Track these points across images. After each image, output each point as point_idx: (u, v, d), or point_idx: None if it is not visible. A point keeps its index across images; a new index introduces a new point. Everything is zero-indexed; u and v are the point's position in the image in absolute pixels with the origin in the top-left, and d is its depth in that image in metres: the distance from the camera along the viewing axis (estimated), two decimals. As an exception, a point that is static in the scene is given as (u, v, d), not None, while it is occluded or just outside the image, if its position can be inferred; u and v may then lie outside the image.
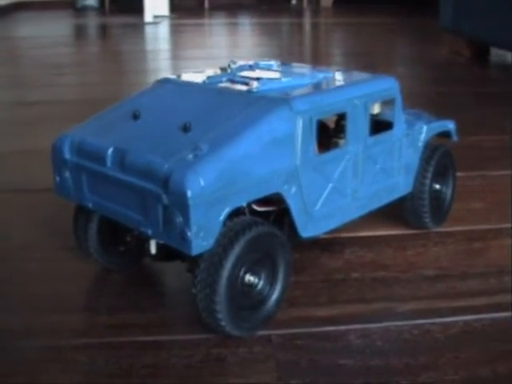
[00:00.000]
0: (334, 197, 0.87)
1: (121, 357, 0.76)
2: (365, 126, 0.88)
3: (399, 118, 0.95)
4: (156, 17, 4.29)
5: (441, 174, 1.07)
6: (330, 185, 0.85)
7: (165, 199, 0.71)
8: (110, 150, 0.79)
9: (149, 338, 0.80)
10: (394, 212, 1.08)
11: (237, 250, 0.74)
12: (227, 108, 0.82)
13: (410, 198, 1.03)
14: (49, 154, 0.88)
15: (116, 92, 2.18)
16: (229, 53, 3.17)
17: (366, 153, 0.90)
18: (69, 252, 1.01)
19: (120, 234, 0.93)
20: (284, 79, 0.88)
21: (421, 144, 1.01)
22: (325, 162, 0.84)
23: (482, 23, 2.46)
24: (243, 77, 0.90)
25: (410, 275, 0.95)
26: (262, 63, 0.99)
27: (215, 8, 5.12)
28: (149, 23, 4.16)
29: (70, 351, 0.78)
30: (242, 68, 0.95)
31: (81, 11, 4.94)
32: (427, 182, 1.02)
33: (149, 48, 3.51)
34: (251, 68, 0.96)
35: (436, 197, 1.07)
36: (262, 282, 0.80)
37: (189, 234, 0.70)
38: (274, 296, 0.81)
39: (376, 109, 0.94)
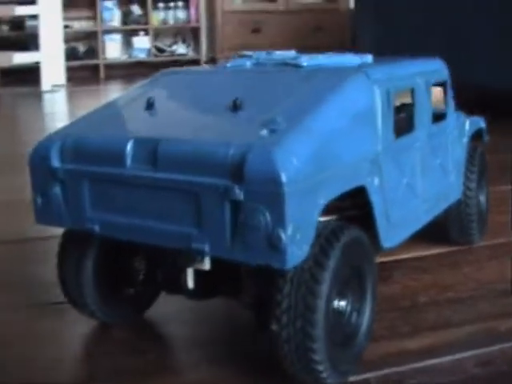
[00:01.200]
0: (407, 196, 0.69)
1: None
2: (428, 109, 0.73)
3: (451, 105, 0.80)
4: (54, 86, 4.04)
5: (478, 179, 0.93)
6: (405, 180, 0.68)
7: (237, 193, 0.49)
8: (130, 144, 0.56)
9: (206, 405, 0.56)
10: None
11: (333, 262, 0.53)
12: (277, 85, 0.63)
13: (457, 205, 0.87)
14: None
15: (13, 149, 1.93)
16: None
17: (430, 143, 0.73)
18: (47, 308, 0.75)
19: (129, 271, 0.69)
20: (322, 59, 0.70)
21: (465, 140, 0.86)
22: (401, 150, 0.66)
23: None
24: (273, 58, 0.72)
25: (484, 292, 0.78)
26: (279, 52, 0.81)
27: (111, 77, 4.91)
28: (46, 91, 3.89)
29: None
30: (259, 55, 0.77)
31: (-33, 87, 4.55)
32: (473, 185, 0.87)
33: (46, 111, 3.25)
34: (269, 55, 0.78)
35: (477, 205, 0.92)
36: (349, 308, 0.59)
37: (283, 236, 0.48)
38: (364, 326, 0.60)
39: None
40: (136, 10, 4.57)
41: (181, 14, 4.73)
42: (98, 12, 4.45)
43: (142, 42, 4.72)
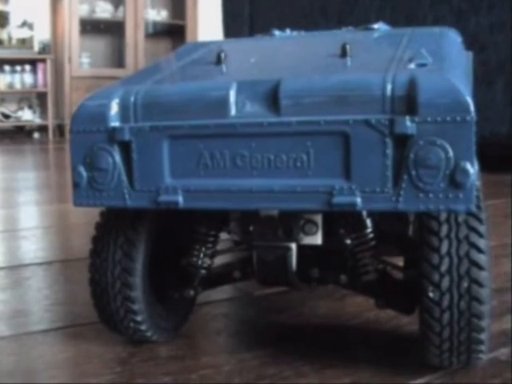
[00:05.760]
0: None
1: None
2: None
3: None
4: None
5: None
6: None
7: (408, 126, 0.41)
8: (233, 88, 0.46)
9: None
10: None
11: (484, 215, 0.47)
12: (367, 41, 0.57)
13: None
14: None
15: None
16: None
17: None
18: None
19: (194, 265, 0.56)
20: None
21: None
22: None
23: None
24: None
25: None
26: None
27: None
28: None
29: None
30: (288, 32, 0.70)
31: None
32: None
33: None
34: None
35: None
36: None
37: (470, 170, 0.41)
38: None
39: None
40: (-20, 71, 4.24)
41: (28, 79, 4.47)
42: None
43: (-15, 107, 4.34)
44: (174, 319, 0.59)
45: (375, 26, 0.61)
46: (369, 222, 0.51)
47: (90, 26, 4.55)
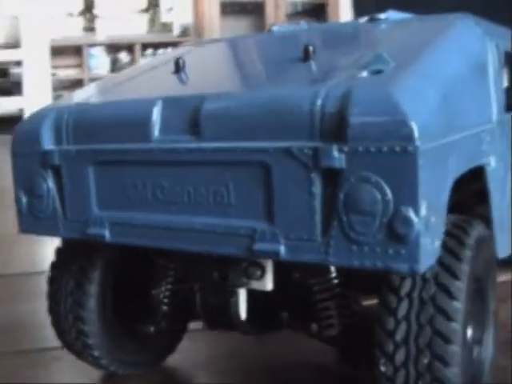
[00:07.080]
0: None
1: None
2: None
3: None
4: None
5: None
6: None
7: (335, 158, 0.32)
8: (157, 107, 0.39)
9: None
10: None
11: (465, 268, 0.36)
12: (354, 37, 0.47)
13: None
14: None
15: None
16: None
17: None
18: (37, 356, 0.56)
19: (149, 301, 0.50)
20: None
21: None
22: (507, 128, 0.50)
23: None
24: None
25: None
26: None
27: None
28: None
29: None
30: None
31: None
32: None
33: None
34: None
35: None
36: (470, 334, 0.41)
37: (414, 218, 0.31)
38: (487, 363, 0.43)
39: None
40: (124, 57, 4.46)
41: (169, 62, 4.63)
42: (85, 59, 4.32)
43: (129, 90, 4.58)
44: (146, 353, 0.53)
45: (382, 15, 0.50)
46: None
47: (230, 8, 4.58)
